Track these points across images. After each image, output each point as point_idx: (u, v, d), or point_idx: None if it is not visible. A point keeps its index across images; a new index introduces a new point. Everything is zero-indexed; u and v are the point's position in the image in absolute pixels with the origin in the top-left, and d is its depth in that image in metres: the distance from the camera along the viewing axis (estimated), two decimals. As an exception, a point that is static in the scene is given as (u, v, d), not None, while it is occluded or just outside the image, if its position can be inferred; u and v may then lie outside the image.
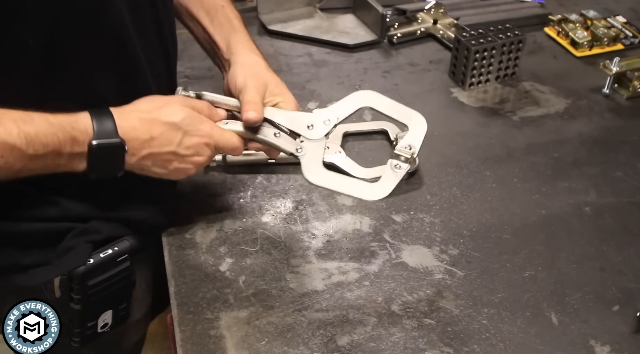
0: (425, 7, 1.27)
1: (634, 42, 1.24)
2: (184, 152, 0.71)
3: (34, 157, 0.61)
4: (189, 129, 0.71)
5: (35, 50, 0.62)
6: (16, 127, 0.60)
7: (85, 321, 0.74)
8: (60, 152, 0.63)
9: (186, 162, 0.72)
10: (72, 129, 0.64)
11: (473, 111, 1.07)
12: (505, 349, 0.71)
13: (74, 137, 0.64)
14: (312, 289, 0.77)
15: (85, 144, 0.65)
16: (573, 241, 0.84)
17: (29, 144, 0.61)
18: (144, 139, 0.69)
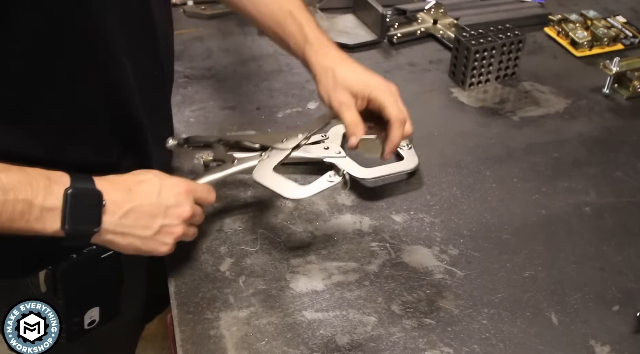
0: (425, 7, 1.27)
1: (634, 42, 1.24)
2: (165, 202, 0.68)
3: (7, 211, 0.58)
4: (164, 182, 0.69)
5: (21, 56, 0.62)
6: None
7: (71, 317, 0.74)
8: (31, 202, 0.59)
9: (171, 217, 0.68)
10: (48, 178, 0.61)
11: (473, 111, 1.07)
12: (505, 349, 0.71)
13: (48, 187, 0.60)
14: (312, 289, 0.77)
15: (61, 194, 0.61)
16: (573, 241, 0.84)
17: (2, 192, 0.58)
18: (122, 194, 0.66)
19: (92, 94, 0.69)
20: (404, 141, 0.94)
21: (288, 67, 1.16)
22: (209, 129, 1.00)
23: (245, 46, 1.20)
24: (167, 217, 0.68)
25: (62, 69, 0.65)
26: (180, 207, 0.69)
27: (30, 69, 0.63)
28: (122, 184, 0.67)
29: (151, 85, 0.78)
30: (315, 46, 0.80)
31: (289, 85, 1.10)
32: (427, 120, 1.04)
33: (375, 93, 0.78)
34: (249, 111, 1.04)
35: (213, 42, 1.21)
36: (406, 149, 0.93)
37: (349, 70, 0.79)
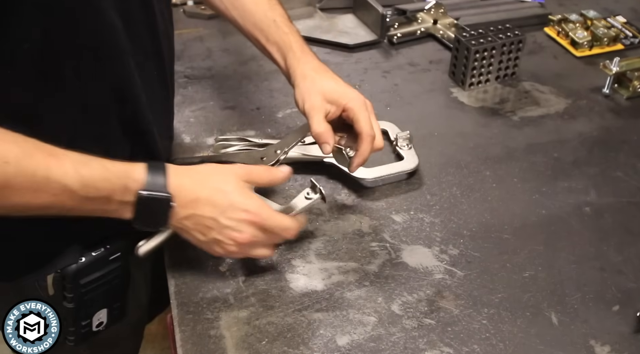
0: (425, 7, 1.27)
1: (634, 42, 1.24)
2: (225, 222, 0.70)
3: (86, 200, 0.62)
4: (236, 201, 0.70)
5: (30, 56, 0.62)
6: (73, 168, 0.61)
7: (79, 320, 0.74)
8: (110, 198, 0.64)
9: (224, 236, 0.70)
10: (126, 177, 0.65)
11: (473, 111, 1.07)
12: (505, 349, 0.71)
13: (126, 185, 0.65)
14: (312, 289, 0.77)
15: (135, 195, 0.65)
16: (573, 241, 0.84)
17: (83, 186, 0.61)
18: (190, 199, 0.69)
19: (101, 93, 0.70)
20: (404, 141, 0.94)
21: (288, 67, 1.16)
22: (208, 129, 1.00)
23: (245, 46, 1.20)
24: (221, 235, 0.70)
25: (72, 69, 0.66)
26: (236, 232, 0.70)
27: (41, 70, 0.64)
28: (194, 186, 0.69)
29: (155, 84, 0.78)
30: (298, 54, 0.83)
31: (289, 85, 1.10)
32: (427, 120, 1.04)
33: (351, 104, 0.80)
34: (249, 111, 1.04)
35: (213, 42, 1.21)
36: (406, 149, 0.93)
37: (328, 79, 0.82)
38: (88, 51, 0.66)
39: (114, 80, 0.70)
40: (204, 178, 0.70)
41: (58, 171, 0.60)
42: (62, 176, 0.60)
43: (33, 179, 0.59)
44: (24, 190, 0.59)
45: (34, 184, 0.59)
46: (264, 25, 0.85)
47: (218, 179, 0.71)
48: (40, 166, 0.59)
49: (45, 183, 0.59)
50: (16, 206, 0.60)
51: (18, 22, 0.60)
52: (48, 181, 0.59)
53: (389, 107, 1.06)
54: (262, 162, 0.84)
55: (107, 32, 0.67)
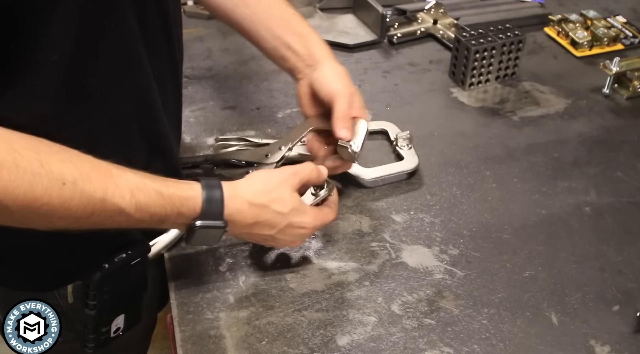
0: (425, 7, 1.27)
1: (634, 42, 1.24)
2: (281, 237, 0.73)
3: (139, 222, 0.63)
4: (294, 221, 0.72)
5: (58, 68, 0.62)
6: (129, 193, 0.61)
7: (100, 327, 0.74)
8: (164, 221, 0.65)
9: (279, 243, 0.76)
10: (181, 205, 0.65)
11: (473, 111, 1.07)
12: (505, 349, 0.71)
13: (181, 212, 0.65)
14: (312, 289, 0.77)
15: (190, 220, 0.67)
16: (573, 241, 0.84)
17: (137, 211, 0.62)
18: (248, 223, 0.70)
19: (122, 101, 0.70)
20: (404, 141, 0.94)
21: (288, 67, 1.16)
22: (208, 130, 1.00)
23: (246, 46, 1.20)
24: (276, 242, 0.75)
25: (96, 78, 0.66)
26: (291, 241, 0.76)
27: (67, 80, 0.63)
28: (253, 213, 0.70)
29: (168, 87, 0.78)
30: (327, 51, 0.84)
31: (289, 85, 1.10)
32: (427, 120, 1.04)
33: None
34: (249, 111, 1.04)
35: (213, 42, 1.21)
36: (406, 149, 0.93)
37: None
38: (111, 59, 0.66)
39: (134, 87, 0.70)
40: (262, 203, 0.70)
41: (115, 194, 0.60)
42: (119, 200, 0.60)
43: (89, 201, 0.58)
44: (80, 212, 0.58)
45: (89, 207, 0.58)
46: (282, 17, 0.84)
47: (276, 201, 0.71)
48: (98, 190, 0.59)
49: (101, 206, 0.59)
50: (70, 225, 0.60)
51: (50, 32, 0.60)
52: (104, 204, 0.59)
53: (389, 107, 1.06)
54: (267, 159, 0.83)
55: (128, 39, 0.67)
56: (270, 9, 0.84)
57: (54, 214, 0.57)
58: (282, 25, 0.84)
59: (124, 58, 0.68)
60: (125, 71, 0.68)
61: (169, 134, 0.78)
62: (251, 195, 0.70)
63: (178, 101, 0.85)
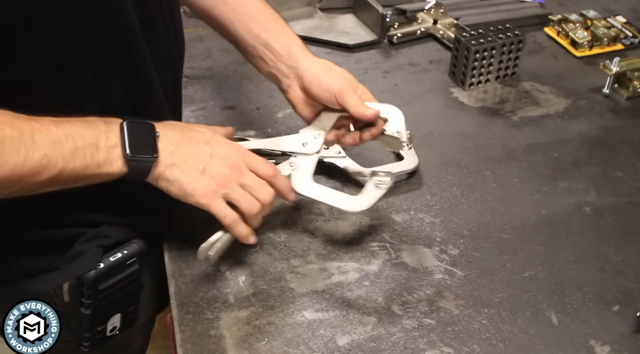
0: (425, 7, 1.27)
1: (634, 42, 1.24)
2: (212, 150, 0.70)
3: (74, 153, 0.61)
4: (217, 137, 0.72)
5: (50, 61, 0.62)
6: (55, 125, 0.61)
7: (95, 325, 0.74)
8: (97, 145, 0.63)
9: (214, 162, 0.70)
10: (105, 122, 0.65)
11: (473, 111, 1.07)
12: (505, 349, 0.71)
13: (107, 127, 0.64)
14: (312, 289, 0.77)
15: (118, 130, 0.65)
16: (573, 241, 0.84)
17: (68, 137, 0.61)
18: (175, 131, 0.70)
19: (119, 97, 0.70)
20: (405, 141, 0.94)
21: (288, 67, 1.16)
22: (209, 129, 1.00)
23: (245, 46, 1.20)
24: (212, 159, 0.70)
25: (90, 74, 0.66)
26: (226, 156, 0.70)
27: (61, 74, 0.64)
28: (174, 125, 0.70)
29: (169, 86, 0.78)
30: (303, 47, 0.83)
31: (289, 85, 1.10)
32: (427, 120, 1.04)
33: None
34: (249, 111, 1.04)
35: (213, 42, 1.21)
36: (406, 149, 0.93)
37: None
38: (107, 55, 0.66)
39: (132, 83, 0.70)
40: (178, 123, 0.72)
41: (42, 129, 0.60)
42: (47, 133, 0.60)
43: (20, 141, 0.58)
44: (13, 154, 0.58)
45: (21, 146, 0.58)
46: (260, 16, 0.84)
47: (190, 125, 0.72)
48: (25, 128, 0.59)
49: (31, 144, 0.58)
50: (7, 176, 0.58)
51: (39, 27, 0.60)
52: (34, 140, 0.59)
53: (389, 107, 1.06)
54: (305, 147, 0.80)
55: (126, 35, 0.67)
56: (248, 8, 0.84)
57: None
58: (261, 24, 0.83)
59: (122, 54, 0.68)
60: (123, 67, 0.68)
61: None
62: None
63: (178, 99, 0.85)
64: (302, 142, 0.80)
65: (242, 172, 0.71)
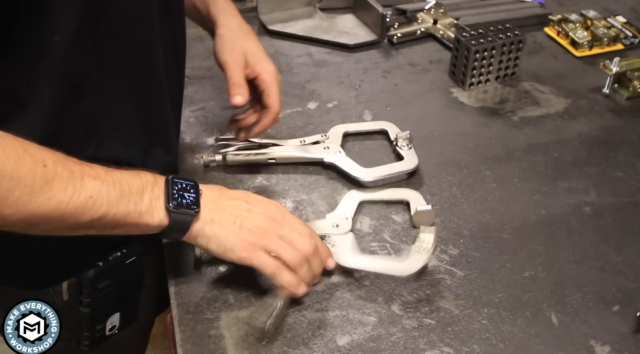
0: (425, 7, 1.27)
1: (634, 42, 1.24)
2: (251, 207, 0.71)
3: (119, 199, 0.62)
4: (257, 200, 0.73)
5: (59, 49, 0.62)
6: (104, 171, 0.62)
7: (94, 324, 0.74)
8: (142, 194, 0.64)
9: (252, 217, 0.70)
10: (152, 175, 0.66)
11: (473, 111, 1.07)
12: (505, 349, 0.71)
13: (154, 179, 0.66)
14: (312, 289, 0.77)
15: (163, 180, 0.67)
16: (573, 241, 0.84)
17: (116, 183, 0.62)
18: (215, 190, 0.71)
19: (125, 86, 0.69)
20: (404, 141, 0.94)
21: (288, 67, 1.16)
22: (208, 130, 1.00)
23: (245, 46, 1.20)
24: (251, 214, 0.70)
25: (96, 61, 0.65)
26: (264, 211, 0.71)
27: (68, 62, 0.63)
28: (214, 186, 0.72)
29: (172, 78, 0.78)
30: (222, 7, 0.86)
31: (289, 85, 1.10)
32: (427, 120, 1.04)
33: (266, 76, 0.85)
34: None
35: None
36: (406, 149, 0.93)
37: (252, 41, 0.86)
38: (113, 42, 0.66)
39: (136, 72, 0.70)
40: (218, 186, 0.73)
41: (90, 173, 0.61)
42: (96, 177, 0.61)
43: (70, 180, 0.58)
44: (61, 191, 0.58)
45: (70, 185, 0.58)
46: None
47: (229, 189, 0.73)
48: (75, 170, 0.60)
49: (80, 184, 0.59)
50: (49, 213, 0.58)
51: (52, 13, 0.59)
52: (82, 181, 0.59)
53: (389, 107, 1.06)
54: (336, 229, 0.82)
55: (132, 22, 0.67)
56: None
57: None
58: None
59: (127, 41, 0.67)
60: (127, 54, 0.68)
61: (169, 125, 0.78)
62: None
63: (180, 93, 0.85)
64: (333, 224, 0.82)
65: (280, 225, 0.71)
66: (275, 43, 1.23)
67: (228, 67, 0.83)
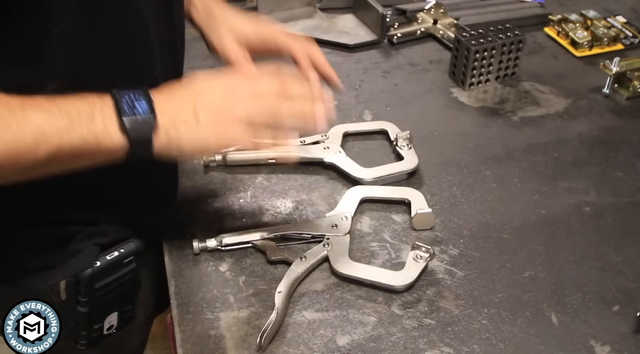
0: (425, 7, 1.27)
1: (634, 42, 1.24)
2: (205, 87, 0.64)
3: (69, 125, 0.58)
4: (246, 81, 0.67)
5: (59, 42, 0.61)
6: (47, 101, 0.58)
7: (92, 324, 0.74)
8: (93, 116, 0.58)
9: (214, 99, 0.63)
10: (98, 95, 0.61)
11: (473, 111, 1.07)
12: (505, 349, 0.71)
13: (100, 99, 0.60)
14: (312, 289, 0.77)
15: (109, 97, 0.60)
16: (573, 241, 0.84)
17: (62, 110, 0.58)
18: (164, 88, 0.64)
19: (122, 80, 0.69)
20: (404, 141, 0.94)
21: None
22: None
23: (245, 46, 1.20)
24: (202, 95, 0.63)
25: (96, 55, 0.65)
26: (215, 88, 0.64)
27: (68, 56, 0.63)
28: (162, 87, 0.64)
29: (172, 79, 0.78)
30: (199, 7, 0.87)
31: (289, 85, 1.10)
32: (427, 120, 1.04)
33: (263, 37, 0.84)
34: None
35: (213, 42, 1.21)
36: (406, 149, 0.93)
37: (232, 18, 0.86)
38: (112, 37, 0.66)
39: (135, 66, 0.70)
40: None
41: (33, 103, 0.57)
42: (39, 108, 0.57)
43: (11, 117, 0.56)
44: (4, 130, 0.55)
45: (13, 122, 0.56)
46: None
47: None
48: (15, 105, 0.57)
49: (23, 119, 0.56)
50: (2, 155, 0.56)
51: (52, 6, 0.59)
52: (25, 115, 0.56)
53: (389, 107, 1.06)
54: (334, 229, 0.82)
55: (132, 18, 0.67)
56: None
57: None
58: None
59: (127, 37, 0.67)
60: (126, 50, 0.68)
61: None
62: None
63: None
64: (332, 225, 0.82)
65: (239, 89, 0.65)
66: (275, 43, 1.23)
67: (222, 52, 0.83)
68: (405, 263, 0.77)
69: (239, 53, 0.82)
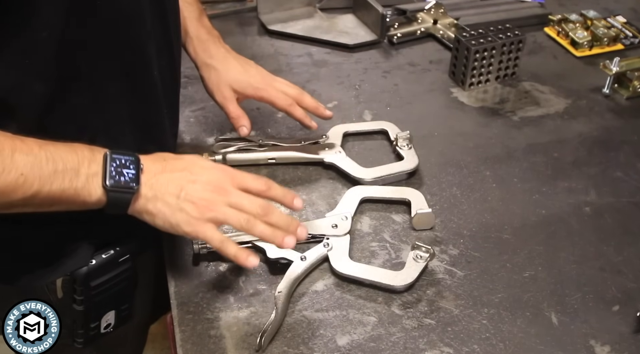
0: (425, 7, 1.27)
1: (634, 42, 1.24)
2: (194, 176, 0.67)
3: (52, 175, 0.60)
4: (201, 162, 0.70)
5: (49, 45, 0.62)
6: (38, 146, 0.60)
7: (88, 322, 0.74)
8: (78, 170, 0.61)
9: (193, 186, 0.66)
10: (90, 149, 0.63)
11: (473, 111, 1.07)
12: (505, 349, 0.71)
13: (92, 152, 0.63)
14: (312, 289, 0.77)
15: (102, 157, 0.63)
16: (573, 241, 0.84)
17: (49, 159, 0.59)
18: (158, 161, 0.67)
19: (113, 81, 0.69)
20: (404, 141, 0.94)
21: (288, 67, 1.16)
22: (208, 130, 1.00)
23: (246, 46, 1.20)
24: (194, 185, 0.66)
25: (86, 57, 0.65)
26: (209, 181, 0.67)
27: (57, 59, 0.63)
28: (159, 156, 0.68)
29: (167, 75, 0.78)
30: (195, 42, 0.89)
31: (289, 85, 1.10)
32: (427, 120, 1.04)
33: (258, 93, 0.90)
34: (249, 111, 1.04)
35: (213, 42, 1.21)
36: (406, 149, 0.93)
37: (230, 68, 0.90)
38: (102, 38, 0.66)
39: (126, 67, 0.70)
40: (163, 153, 0.70)
41: (23, 147, 0.58)
42: (28, 153, 0.58)
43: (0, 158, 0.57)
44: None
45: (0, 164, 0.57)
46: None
47: (176, 155, 0.70)
48: (5, 145, 0.58)
49: (10, 161, 0.57)
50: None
51: (40, 9, 0.59)
52: (13, 158, 0.57)
53: (389, 107, 1.06)
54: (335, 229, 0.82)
55: (122, 19, 0.66)
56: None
57: None
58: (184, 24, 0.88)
59: (117, 37, 0.67)
60: (118, 51, 0.68)
61: (164, 124, 0.77)
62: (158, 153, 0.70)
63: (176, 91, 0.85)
64: (332, 225, 0.82)
65: (228, 193, 0.67)
66: (275, 43, 1.23)
67: (223, 106, 0.89)
68: (405, 263, 0.77)
69: (238, 110, 0.89)
